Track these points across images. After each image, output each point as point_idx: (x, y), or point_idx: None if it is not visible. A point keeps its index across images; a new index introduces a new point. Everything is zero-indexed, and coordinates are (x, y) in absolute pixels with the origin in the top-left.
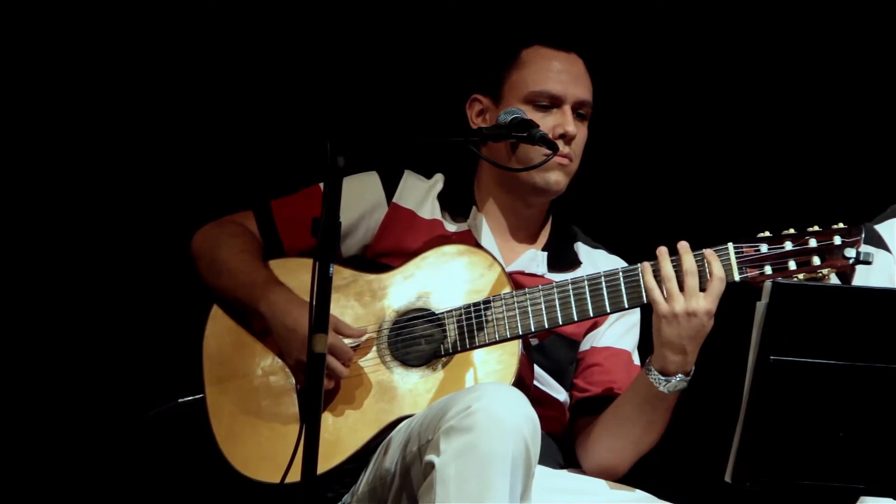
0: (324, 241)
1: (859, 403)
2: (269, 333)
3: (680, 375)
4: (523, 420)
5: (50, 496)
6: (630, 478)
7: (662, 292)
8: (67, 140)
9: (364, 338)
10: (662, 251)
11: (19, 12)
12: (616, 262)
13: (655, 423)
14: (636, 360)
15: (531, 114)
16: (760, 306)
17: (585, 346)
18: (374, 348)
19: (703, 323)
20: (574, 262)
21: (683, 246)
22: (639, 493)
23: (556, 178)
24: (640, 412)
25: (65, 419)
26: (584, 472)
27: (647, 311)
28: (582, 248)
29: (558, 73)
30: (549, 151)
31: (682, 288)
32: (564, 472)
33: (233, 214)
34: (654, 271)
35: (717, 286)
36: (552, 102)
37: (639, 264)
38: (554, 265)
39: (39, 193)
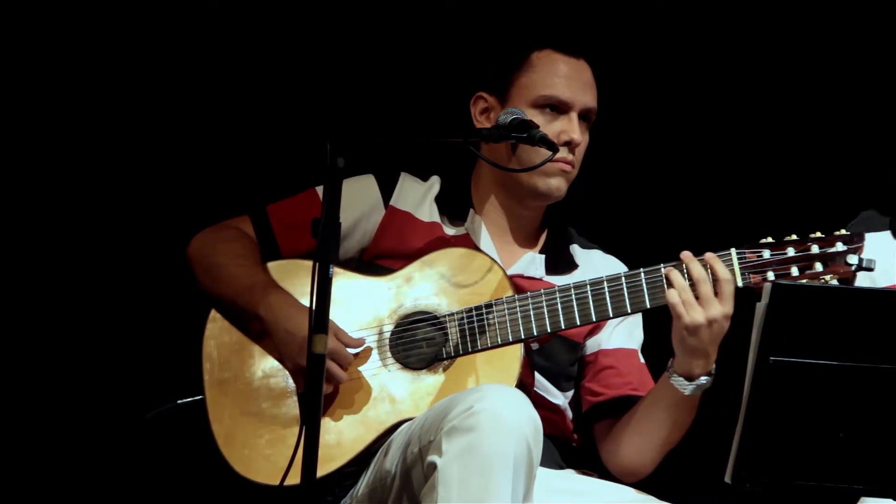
0: (324, 241)
1: (859, 404)
2: (268, 337)
3: (704, 377)
4: (526, 420)
5: (50, 497)
6: None
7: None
8: (66, 142)
9: (363, 347)
10: (674, 272)
11: (19, 12)
12: (612, 262)
13: (682, 422)
14: (642, 359)
15: (537, 118)
16: (760, 307)
17: (591, 349)
18: (376, 351)
19: (724, 326)
20: (571, 265)
21: (687, 255)
22: (639, 493)
23: (556, 185)
24: (667, 415)
25: (65, 420)
26: (588, 474)
27: (648, 314)
28: (578, 250)
29: (568, 80)
30: (549, 153)
31: (696, 297)
32: (565, 472)
33: (229, 219)
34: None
35: (727, 288)
36: (559, 108)
37: (640, 270)
38: (552, 268)
39: (39, 196)
